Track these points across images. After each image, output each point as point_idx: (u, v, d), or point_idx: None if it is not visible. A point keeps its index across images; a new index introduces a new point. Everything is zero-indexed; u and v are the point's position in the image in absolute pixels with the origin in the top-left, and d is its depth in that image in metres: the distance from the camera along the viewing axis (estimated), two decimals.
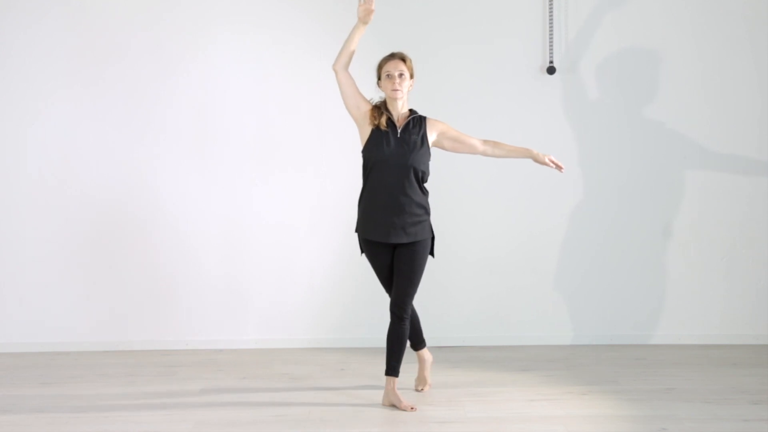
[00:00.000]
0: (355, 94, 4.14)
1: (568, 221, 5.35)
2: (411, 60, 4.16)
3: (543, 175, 5.13)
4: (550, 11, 5.25)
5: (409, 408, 4.13)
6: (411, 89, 4.18)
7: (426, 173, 4.13)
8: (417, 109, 4.27)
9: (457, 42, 5.29)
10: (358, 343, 5.35)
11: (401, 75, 4.10)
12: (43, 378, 4.74)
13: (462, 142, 4.23)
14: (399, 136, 4.10)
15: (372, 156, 4.10)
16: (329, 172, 5.33)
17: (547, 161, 4.23)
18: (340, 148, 5.26)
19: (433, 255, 4.27)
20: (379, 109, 4.15)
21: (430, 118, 4.21)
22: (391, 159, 4.06)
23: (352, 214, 4.38)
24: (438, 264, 4.91)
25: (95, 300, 5.32)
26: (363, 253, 4.26)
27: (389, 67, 4.11)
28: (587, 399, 4.29)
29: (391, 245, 4.15)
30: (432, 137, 4.18)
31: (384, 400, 4.21)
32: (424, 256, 4.17)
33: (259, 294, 5.36)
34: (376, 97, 4.24)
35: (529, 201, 5.34)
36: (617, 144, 5.32)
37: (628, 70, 5.29)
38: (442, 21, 5.28)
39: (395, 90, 4.09)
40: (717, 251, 5.36)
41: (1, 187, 5.27)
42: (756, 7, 5.26)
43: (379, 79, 4.17)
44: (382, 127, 4.10)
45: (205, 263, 5.33)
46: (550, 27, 5.25)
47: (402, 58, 4.13)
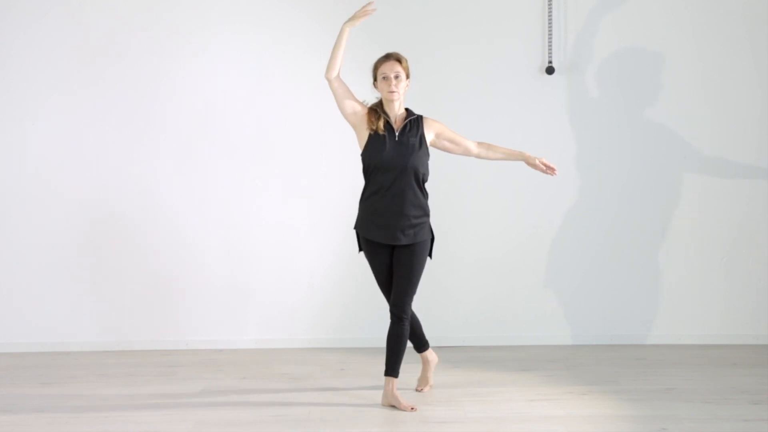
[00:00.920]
0: (350, 100, 4.12)
1: (568, 221, 5.35)
2: (407, 60, 4.15)
3: (542, 175, 5.07)
4: (550, 11, 5.25)
5: (409, 408, 4.12)
6: (407, 89, 4.17)
7: (426, 174, 4.13)
8: (416, 110, 4.27)
9: (457, 42, 5.29)
10: (358, 343, 5.35)
11: (397, 76, 4.08)
12: (43, 378, 4.74)
13: (457, 144, 4.23)
14: (397, 139, 4.09)
15: (371, 160, 4.08)
16: (329, 172, 5.33)
17: (538, 164, 4.23)
18: (340, 148, 5.26)
19: (431, 257, 4.27)
20: (376, 111, 4.13)
21: (427, 118, 4.21)
22: (391, 162, 4.05)
23: (352, 214, 4.38)
24: (438, 264, 4.91)
25: (95, 300, 5.32)
26: (361, 250, 4.27)
27: (385, 69, 4.10)
28: (587, 399, 4.29)
29: (391, 246, 4.15)
30: (429, 137, 4.17)
31: (383, 400, 4.21)
32: (423, 257, 4.16)
33: (259, 294, 5.36)
34: (372, 97, 4.23)
35: (529, 201, 5.35)
36: (617, 144, 5.32)
37: (628, 70, 5.29)
38: (441, 21, 5.28)
39: (392, 92, 4.08)
40: (717, 251, 5.36)
41: (1, 187, 5.28)
42: (756, 7, 5.26)
43: (374, 80, 4.16)
44: (380, 131, 4.09)
45: (205, 263, 5.33)
46: (550, 27, 5.25)
47: (398, 59, 4.11)
